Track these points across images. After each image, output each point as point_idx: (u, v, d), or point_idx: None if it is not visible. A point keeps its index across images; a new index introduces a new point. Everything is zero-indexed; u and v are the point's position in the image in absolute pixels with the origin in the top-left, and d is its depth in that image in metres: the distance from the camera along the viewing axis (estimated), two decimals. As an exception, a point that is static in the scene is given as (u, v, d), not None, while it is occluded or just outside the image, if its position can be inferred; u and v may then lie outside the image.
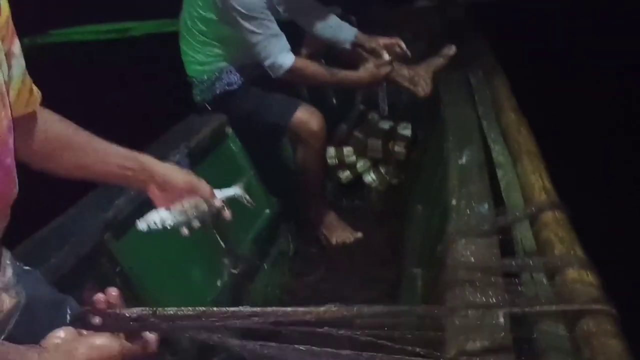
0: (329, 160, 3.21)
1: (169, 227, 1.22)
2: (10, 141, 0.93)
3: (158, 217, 1.21)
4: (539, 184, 1.54)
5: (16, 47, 0.99)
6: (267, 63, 2.55)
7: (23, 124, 1.06)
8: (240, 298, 2.30)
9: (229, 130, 2.69)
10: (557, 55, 3.42)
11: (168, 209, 1.22)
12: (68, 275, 1.58)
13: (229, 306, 2.11)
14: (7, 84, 0.95)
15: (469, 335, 1.13)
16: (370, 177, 3.28)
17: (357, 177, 3.29)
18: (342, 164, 3.28)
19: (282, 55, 2.54)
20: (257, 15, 2.45)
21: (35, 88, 1.08)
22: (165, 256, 2.00)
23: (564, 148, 2.34)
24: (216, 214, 1.31)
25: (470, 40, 3.18)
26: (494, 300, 1.20)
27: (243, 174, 2.69)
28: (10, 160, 0.93)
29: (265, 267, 2.62)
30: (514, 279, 1.26)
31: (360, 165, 3.30)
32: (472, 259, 1.36)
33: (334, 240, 2.81)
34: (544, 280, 1.23)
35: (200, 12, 2.56)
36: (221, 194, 1.34)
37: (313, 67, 2.67)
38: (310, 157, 2.69)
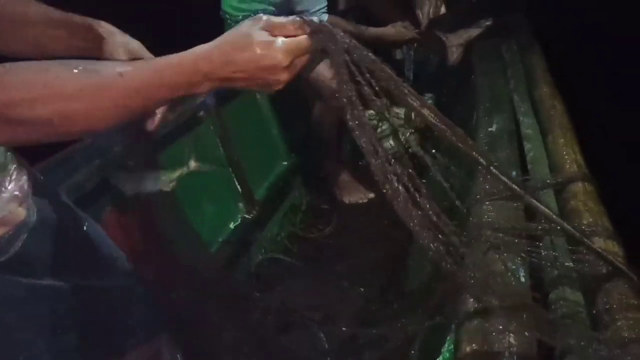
0: (349, 123, 3.19)
1: None
2: None
3: None
4: (571, 157, 1.52)
5: None
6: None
7: None
8: (251, 242, 2.32)
9: (256, 76, 2.67)
10: (598, 36, 3.33)
11: None
12: (89, 194, 1.59)
13: (237, 249, 2.13)
14: None
15: (486, 293, 1.13)
16: (389, 143, 3.26)
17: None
18: (363, 126, 3.26)
19: (317, 14, 2.50)
20: None
21: None
22: (184, 189, 2.01)
23: (600, 128, 2.29)
24: None
25: (506, 15, 3.13)
26: (514, 263, 1.21)
27: (265, 122, 2.68)
28: None
29: (277, 216, 2.62)
30: (537, 242, 1.25)
31: (381, 130, 3.27)
32: (496, 221, 1.36)
33: (346, 199, 2.81)
34: (565, 246, 1.22)
35: None
36: None
37: (343, 24, 2.63)
38: (327, 114, 2.67)
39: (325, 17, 2.54)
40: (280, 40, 0.88)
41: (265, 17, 0.90)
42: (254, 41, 0.86)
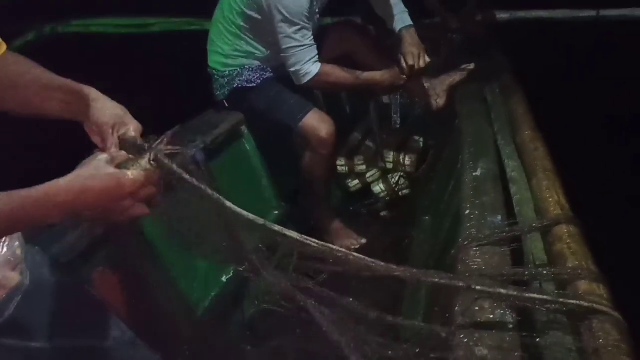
0: (339, 168, 3.23)
1: None
2: None
3: None
4: (554, 199, 1.55)
5: None
6: (293, 69, 2.57)
7: None
8: (244, 295, 2.31)
9: (245, 129, 2.71)
10: (576, 73, 3.42)
11: None
12: (80, 256, 1.59)
13: (230, 302, 2.13)
14: None
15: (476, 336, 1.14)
16: (379, 188, 3.29)
17: (366, 187, 3.30)
18: (352, 173, 3.30)
19: (309, 64, 2.56)
20: (298, 21, 2.47)
21: None
22: (175, 246, 2.02)
23: (581, 164, 2.34)
24: None
25: (488, 57, 3.21)
26: (503, 309, 1.22)
27: (256, 173, 2.71)
28: None
29: (270, 267, 2.62)
30: (523, 288, 1.26)
31: (370, 174, 3.31)
32: (483, 267, 1.37)
33: (338, 246, 2.82)
34: (554, 290, 1.23)
35: (242, 7, 2.57)
36: None
37: (337, 72, 2.67)
38: (316, 163, 2.69)
39: (317, 66, 2.58)
40: (129, 172, 0.99)
41: (105, 156, 1.01)
42: (103, 173, 0.96)
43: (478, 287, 1.25)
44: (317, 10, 2.62)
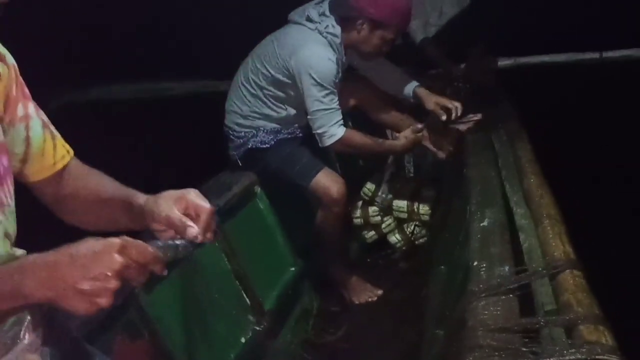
0: (354, 220, 3.26)
1: None
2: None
3: None
4: (560, 248, 1.57)
5: (31, 109, 1.06)
6: (319, 131, 2.64)
7: (53, 183, 1.12)
8: (264, 354, 2.33)
9: (258, 189, 2.76)
10: (583, 120, 3.47)
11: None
12: (98, 326, 1.63)
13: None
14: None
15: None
16: (395, 238, 3.30)
17: (382, 237, 3.31)
18: (368, 224, 3.32)
19: (334, 127, 2.63)
20: (327, 85, 2.57)
21: (63, 147, 1.13)
22: (192, 310, 2.06)
23: (587, 210, 2.36)
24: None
25: (495, 103, 3.26)
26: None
27: (270, 232, 2.75)
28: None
29: (289, 324, 2.64)
30: (533, 337, 1.28)
31: (385, 225, 3.33)
32: (492, 319, 1.39)
33: (355, 299, 2.85)
34: (563, 337, 1.25)
35: (269, 70, 2.66)
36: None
37: (360, 138, 2.77)
38: (329, 221, 2.75)
39: (342, 130, 2.65)
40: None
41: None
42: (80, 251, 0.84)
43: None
44: (340, 76, 2.71)
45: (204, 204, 1.03)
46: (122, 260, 0.82)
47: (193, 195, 1.05)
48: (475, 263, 1.66)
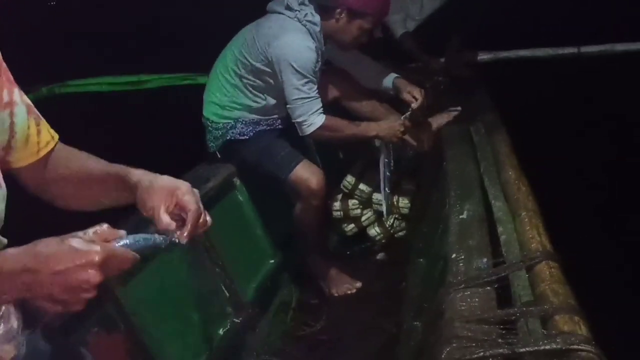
0: (334, 213, 3.25)
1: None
2: None
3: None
4: (536, 239, 1.58)
5: (16, 94, 1.04)
6: (299, 120, 2.62)
7: (38, 168, 1.11)
8: (242, 346, 2.32)
9: (237, 181, 2.75)
10: (561, 113, 3.50)
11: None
12: (73, 319, 1.61)
13: (231, 354, 2.14)
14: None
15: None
16: (374, 231, 3.31)
17: (362, 230, 3.32)
18: (347, 217, 3.32)
19: (314, 116, 2.62)
20: (307, 74, 2.55)
21: (48, 132, 1.11)
22: (170, 302, 2.04)
23: (564, 203, 2.39)
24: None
25: (473, 97, 3.27)
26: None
27: (250, 224, 2.74)
28: None
29: (267, 317, 2.64)
30: (510, 327, 1.30)
31: (365, 218, 3.33)
32: (470, 311, 1.40)
33: (334, 291, 2.85)
34: (539, 328, 1.26)
35: (248, 58, 2.64)
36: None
37: (339, 123, 2.75)
38: (308, 213, 2.74)
39: (321, 118, 2.63)
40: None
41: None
42: (61, 260, 0.82)
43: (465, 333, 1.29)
44: (320, 65, 2.69)
45: (192, 205, 1.04)
46: (102, 275, 0.83)
47: (184, 190, 1.05)
48: (454, 255, 1.67)
